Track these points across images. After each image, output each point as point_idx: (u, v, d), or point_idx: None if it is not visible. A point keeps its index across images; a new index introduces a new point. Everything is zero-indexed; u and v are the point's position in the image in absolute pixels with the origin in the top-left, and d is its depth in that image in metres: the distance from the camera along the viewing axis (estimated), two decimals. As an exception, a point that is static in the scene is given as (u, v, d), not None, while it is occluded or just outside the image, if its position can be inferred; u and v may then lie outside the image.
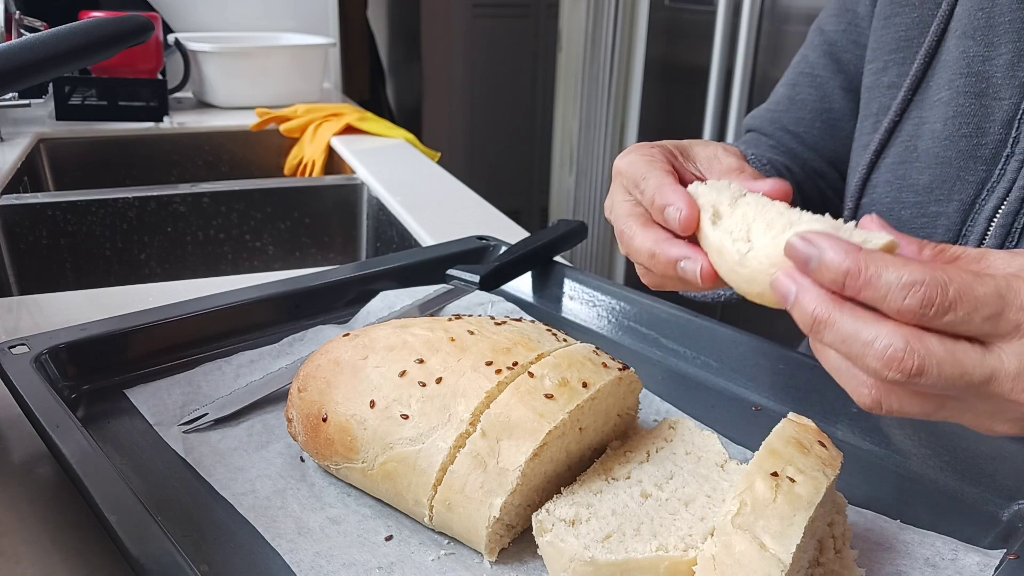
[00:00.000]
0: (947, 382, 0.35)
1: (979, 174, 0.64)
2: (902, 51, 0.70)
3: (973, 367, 0.35)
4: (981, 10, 0.64)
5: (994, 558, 0.47)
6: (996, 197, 0.63)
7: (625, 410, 0.55)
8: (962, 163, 0.65)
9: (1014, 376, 0.35)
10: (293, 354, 0.67)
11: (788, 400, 0.63)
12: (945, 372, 0.35)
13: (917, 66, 0.68)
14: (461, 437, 0.47)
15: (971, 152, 0.65)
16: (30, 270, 1.24)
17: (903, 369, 0.35)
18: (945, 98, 0.66)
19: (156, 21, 1.65)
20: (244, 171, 1.75)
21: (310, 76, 1.91)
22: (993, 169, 0.64)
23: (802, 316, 0.38)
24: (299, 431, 0.53)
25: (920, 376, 0.35)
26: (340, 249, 1.43)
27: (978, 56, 0.64)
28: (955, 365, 0.35)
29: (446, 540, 0.49)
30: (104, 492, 0.45)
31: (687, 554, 0.42)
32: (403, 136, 1.62)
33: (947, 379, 0.35)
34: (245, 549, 0.47)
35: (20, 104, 1.51)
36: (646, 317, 0.73)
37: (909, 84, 0.68)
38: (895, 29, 0.71)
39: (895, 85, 0.71)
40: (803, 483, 0.43)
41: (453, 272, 0.79)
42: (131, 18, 0.62)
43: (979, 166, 0.64)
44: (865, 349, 0.35)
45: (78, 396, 0.60)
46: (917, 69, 0.68)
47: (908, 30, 0.70)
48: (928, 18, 0.68)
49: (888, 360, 0.35)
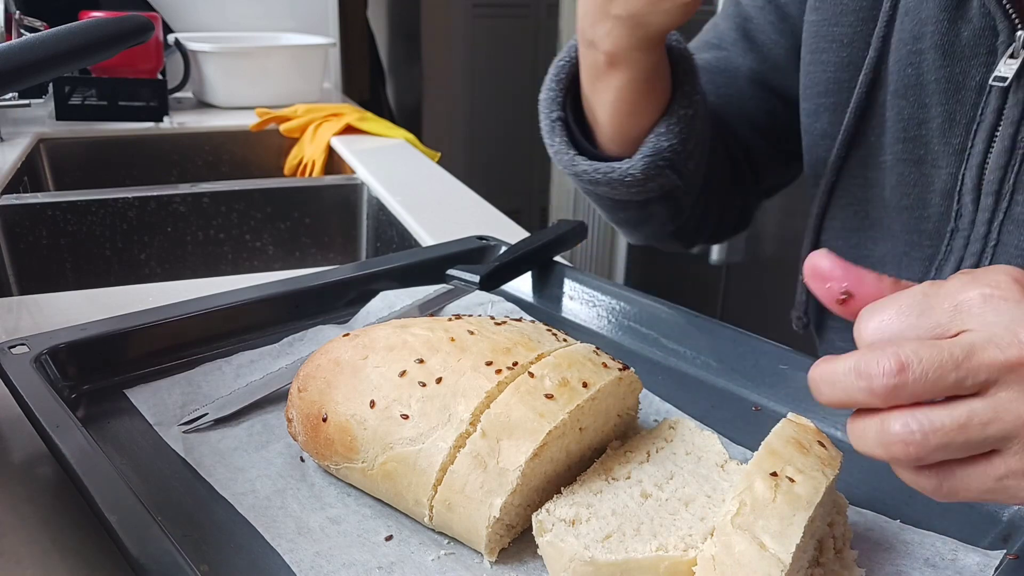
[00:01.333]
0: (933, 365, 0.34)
1: (926, 250, 0.60)
2: (832, 95, 0.66)
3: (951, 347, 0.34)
4: (910, 65, 0.59)
5: (994, 558, 0.47)
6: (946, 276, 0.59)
7: (625, 410, 0.55)
8: (908, 237, 0.61)
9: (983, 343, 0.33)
10: (293, 354, 0.67)
11: (788, 400, 0.63)
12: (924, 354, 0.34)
13: (849, 118, 0.63)
14: (461, 437, 0.47)
15: (915, 226, 0.61)
16: (30, 270, 1.24)
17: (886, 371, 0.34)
18: (888, 162, 0.62)
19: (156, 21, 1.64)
20: (244, 171, 1.75)
21: (310, 76, 1.91)
22: (939, 245, 0.59)
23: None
24: (299, 431, 0.53)
25: (905, 370, 0.34)
26: (340, 249, 1.43)
27: (913, 119, 0.60)
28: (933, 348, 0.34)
29: (446, 540, 0.49)
30: (104, 492, 0.45)
31: (687, 554, 0.42)
32: (403, 136, 1.62)
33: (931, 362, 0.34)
34: (245, 549, 0.47)
35: (20, 104, 1.51)
36: (646, 317, 0.73)
37: (843, 138, 0.64)
38: (823, 68, 0.66)
39: (828, 135, 0.66)
40: (802, 483, 0.43)
41: (453, 272, 0.79)
42: (131, 18, 0.62)
43: (925, 240, 0.60)
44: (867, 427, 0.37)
45: (78, 396, 0.60)
46: (850, 122, 0.63)
47: (837, 71, 0.65)
48: (858, 59, 0.63)
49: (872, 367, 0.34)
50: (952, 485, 0.36)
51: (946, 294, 0.35)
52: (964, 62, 0.56)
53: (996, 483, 0.35)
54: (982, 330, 0.34)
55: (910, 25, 0.59)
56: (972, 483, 0.35)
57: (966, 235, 0.57)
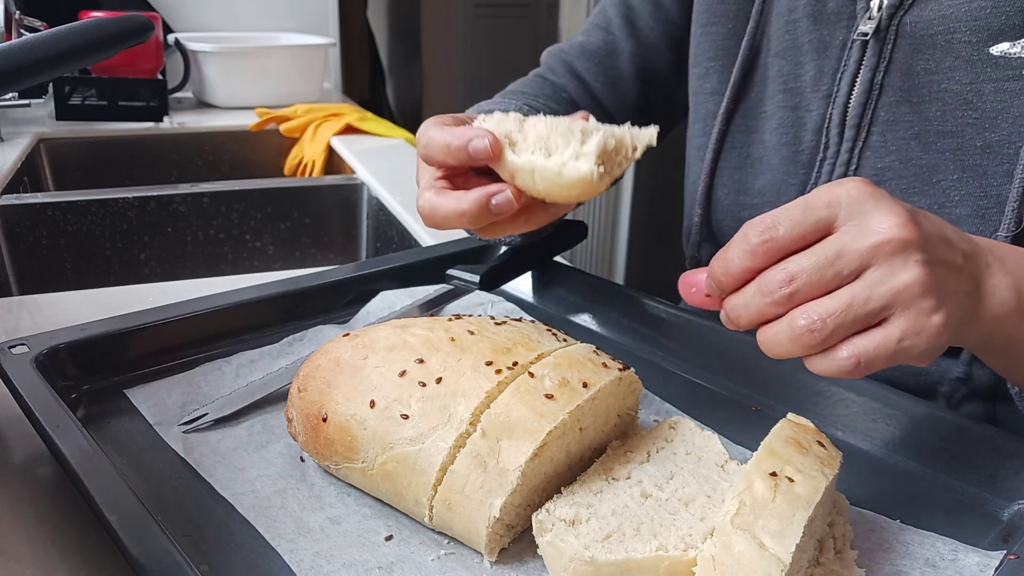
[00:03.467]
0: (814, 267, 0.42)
1: (800, 177, 0.73)
2: (720, 59, 0.78)
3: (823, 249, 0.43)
4: (787, 32, 0.73)
5: (994, 558, 0.47)
6: None
7: (625, 410, 0.55)
8: (786, 168, 0.74)
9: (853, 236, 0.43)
10: (293, 354, 0.67)
11: (788, 400, 0.63)
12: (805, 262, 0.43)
13: (735, 77, 0.76)
14: (461, 437, 0.47)
15: (792, 158, 0.73)
16: (30, 270, 1.24)
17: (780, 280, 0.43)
18: (769, 111, 0.75)
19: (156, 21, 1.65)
20: (244, 171, 1.75)
21: (310, 76, 1.91)
22: (811, 172, 0.72)
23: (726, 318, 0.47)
24: (299, 431, 0.53)
25: (796, 278, 0.42)
26: (340, 249, 1.43)
27: (791, 74, 0.73)
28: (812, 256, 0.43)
29: (446, 540, 0.49)
30: (104, 492, 0.45)
31: (687, 554, 0.42)
32: (403, 136, 1.62)
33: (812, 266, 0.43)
34: (245, 549, 0.47)
35: (20, 104, 1.51)
36: (646, 317, 0.73)
37: (730, 94, 0.77)
38: (712, 38, 0.79)
39: (717, 92, 0.79)
40: (802, 483, 0.43)
41: (453, 272, 0.79)
42: (131, 18, 0.62)
43: (800, 170, 0.73)
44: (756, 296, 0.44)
45: (78, 396, 0.60)
46: (736, 80, 0.76)
47: (724, 39, 0.78)
48: (740, 31, 0.77)
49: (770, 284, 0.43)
50: (864, 356, 0.42)
51: (818, 195, 0.44)
52: (831, 26, 0.70)
53: (897, 345, 0.42)
54: (847, 223, 0.43)
55: (786, 0, 0.73)
56: (879, 350, 0.42)
57: (832, 163, 0.70)
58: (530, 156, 0.52)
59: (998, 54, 0.61)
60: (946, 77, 0.63)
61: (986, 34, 0.61)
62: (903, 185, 0.66)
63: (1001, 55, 0.61)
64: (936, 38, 0.63)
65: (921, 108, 0.65)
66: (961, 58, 0.62)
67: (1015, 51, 0.61)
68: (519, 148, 0.52)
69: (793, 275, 0.43)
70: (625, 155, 0.52)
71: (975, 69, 0.62)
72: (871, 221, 0.43)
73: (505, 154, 0.53)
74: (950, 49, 0.63)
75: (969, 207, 0.64)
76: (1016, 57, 0.61)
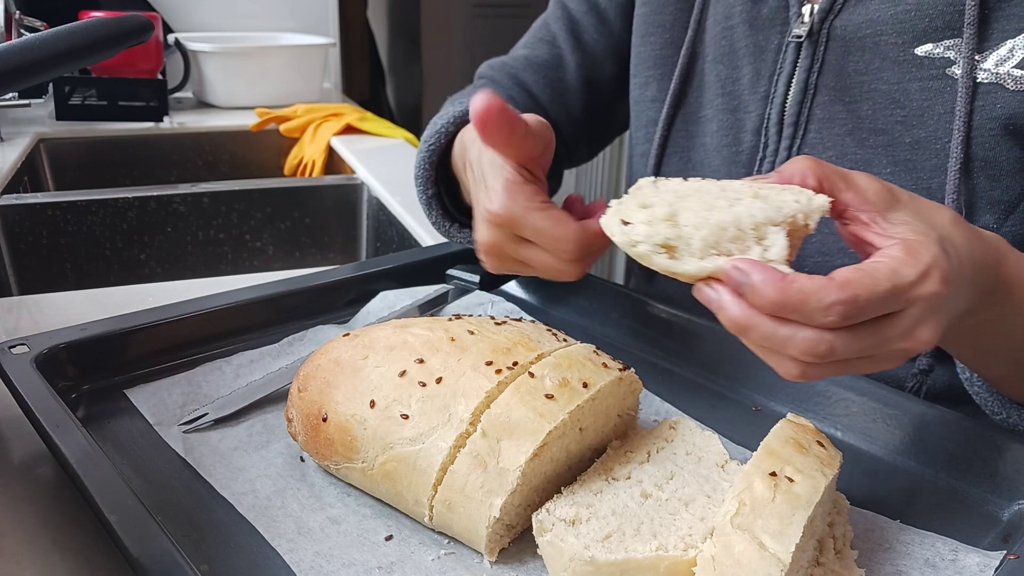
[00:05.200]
0: (852, 354, 0.42)
1: (741, 175, 0.74)
2: (659, 67, 0.80)
3: (867, 339, 0.42)
4: (724, 38, 0.75)
5: (994, 559, 0.47)
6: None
7: (625, 410, 0.55)
8: (727, 169, 0.76)
9: (901, 336, 0.43)
10: (293, 354, 0.67)
11: (788, 400, 0.63)
12: (850, 349, 0.42)
13: (675, 84, 0.79)
14: (461, 437, 0.47)
15: (733, 159, 0.76)
16: (30, 270, 1.24)
17: (817, 354, 0.41)
18: (709, 115, 0.77)
19: (156, 21, 1.65)
20: (244, 171, 1.75)
21: (310, 76, 1.91)
22: (751, 171, 0.74)
23: (727, 322, 0.44)
24: (299, 431, 0.53)
25: (831, 355, 0.41)
26: (340, 249, 1.43)
27: (728, 78, 0.75)
28: (857, 342, 0.42)
29: (446, 540, 0.49)
30: (104, 492, 0.45)
31: (687, 554, 0.42)
32: (403, 136, 1.62)
33: (852, 353, 0.42)
34: (245, 549, 0.47)
35: (20, 104, 1.51)
36: (646, 317, 0.73)
37: (670, 100, 0.79)
38: (651, 48, 0.81)
39: (657, 99, 0.81)
40: (801, 483, 0.43)
41: (453, 272, 0.79)
42: (131, 18, 0.62)
43: (740, 170, 0.75)
44: (785, 343, 0.42)
45: (78, 396, 0.60)
46: (675, 86, 0.79)
47: (663, 48, 0.80)
48: (679, 40, 0.79)
49: (804, 350, 0.41)
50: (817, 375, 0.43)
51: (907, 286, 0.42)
52: (766, 30, 0.72)
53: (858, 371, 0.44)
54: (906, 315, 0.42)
55: (722, 8, 0.75)
56: (837, 372, 0.44)
57: (772, 160, 0.72)
58: (702, 264, 0.44)
59: (923, 55, 0.64)
60: (875, 77, 0.66)
61: (911, 36, 0.64)
62: None
63: (926, 55, 0.64)
64: (865, 40, 0.66)
65: (853, 107, 0.68)
66: (888, 59, 0.65)
67: (938, 51, 0.63)
68: (681, 253, 0.44)
69: (835, 353, 0.42)
70: (799, 235, 0.46)
71: (902, 69, 0.65)
72: (921, 330, 0.43)
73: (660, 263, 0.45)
74: (878, 51, 0.65)
75: None
76: (940, 57, 0.63)
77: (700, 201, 0.47)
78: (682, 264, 0.44)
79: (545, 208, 0.53)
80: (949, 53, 0.63)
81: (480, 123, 0.51)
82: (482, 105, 0.50)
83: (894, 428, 0.58)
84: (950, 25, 0.62)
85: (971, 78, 0.61)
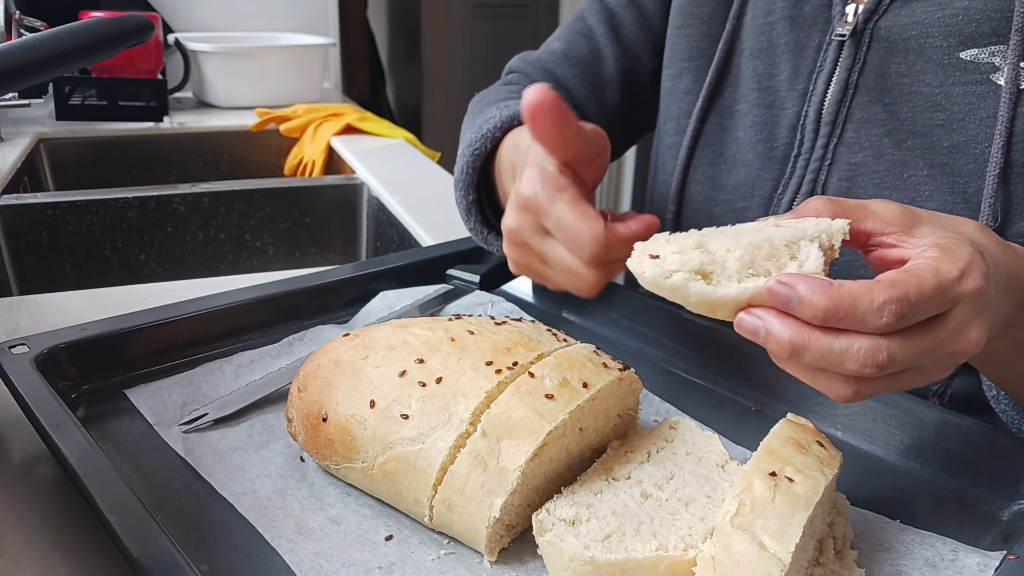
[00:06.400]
0: (909, 361, 0.41)
1: (775, 172, 0.75)
2: (695, 60, 0.80)
3: (924, 342, 0.42)
4: (763, 34, 0.75)
5: (994, 559, 0.47)
6: (790, 191, 0.73)
7: (625, 410, 0.55)
8: (760, 164, 0.76)
9: (952, 337, 0.42)
10: (293, 354, 0.67)
11: (788, 400, 0.63)
12: (907, 354, 0.41)
13: (711, 77, 0.78)
14: (461, 437, 0.47)
15: (767, 154, 0.75)
16: (30, 270, 1.24)
17: (877, 363, 0.40)
18: (743, 109, 0.77)
19: (156, 21, 1.65)
20: (244, 171, 1.75)
21: (310, 76, 1.91)
22: (785, 167, 0.74)
23: (779, 347, 0.41)
24: (299, 431, 0.53)
25: (890, 364, 0.41)
26: (340, 249, 1.43)
27: (766, 74, 0.75)
28: (911, 346, 0.41)
29: (446, 540, 0.49)
30: (104, 492, 0.45)
31: (687, 554, 0.42)
32: (403, 136, 1.62)
33: (909, 359, 0.41)
34: (245, 549, 0.47)
35: (20, 104, 1.51)
36: (646, 317, 0.73)
37: (706, 93, 0.78)
38: (687, 39, 0.80)
39: (691, 91, 0.80)
40: (801, 483, 0.43)
41: (453, 272, 0.79)
42: (131, 18, 0.62)
43: (774, 166, 0.75)
44: (843, 357, 0.41)
45: (78, 396, 0.60)
46: (711, 80, 0.78)
47: (700, 41, 0.79)
48: (716, 33, 0.79)
49: (864, 361, 0.40)
50: (868, 393, 0.43)
51: (949, 284, 0.42)
52: (807, 28, 0.72)
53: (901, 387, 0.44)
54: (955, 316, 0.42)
55: (762, 3, 0.75)
56: (878, 389, 0.43)
57: (807, 158, 0.72)
58: (742, 286, 0.42)
59: (968, 59, 0.63)
60: (917, 80, 0.66)
61: (957, 40, 0.63)
62: (875, 180, 0.68)
63: (971, 60, 0.63)
64: (909, 42, 0.66)
65: (893, 108, 0.67)
66: (932, 62, 0.65)
67: (984, 57, 0.63)
68: (718, 278, 0.43)
69: (895, 360, 0.41)
70: (827, 259, 0.45)
71: (945, 73, 0.64)
72: (970, 331, 0.42)
73: (697, 290, 0.43)
74: (921, 53, 0.65)
75: (938, 202, 0.65)
76: (985, 62, 0.63)
77: (725, 234, 0.46)
78: (721, 288, 0.42)
79: (574, 200, 0.52)
80: (995, 59, 0.63)
81: (530, 115, 0.50)
82: (536, 97, 0.49)
83: (894, 428, 0.58)
84: (997, 31, 0.62)
85: (1015, 84, 0.61)
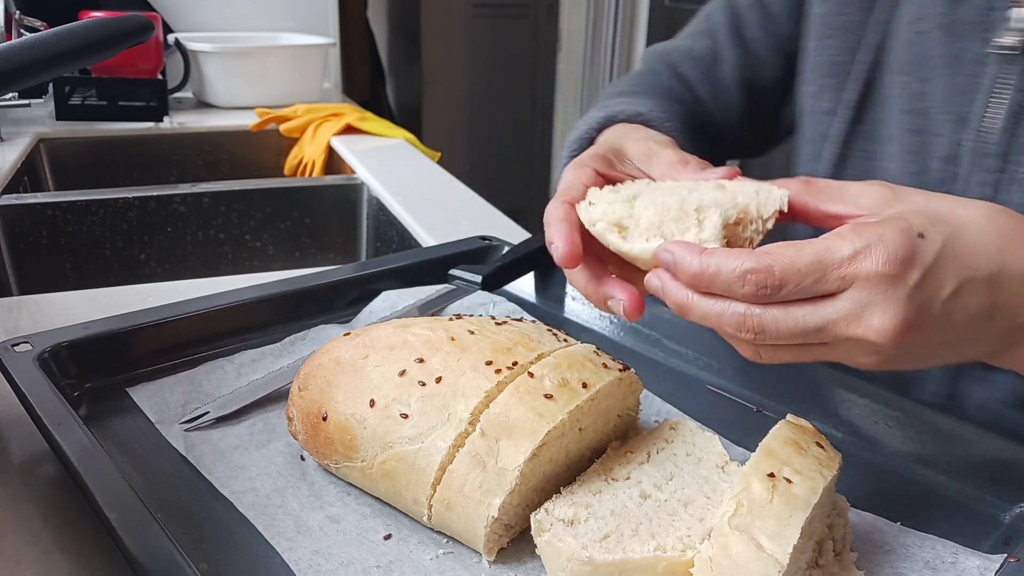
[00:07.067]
0: (787, 333, 0.42)
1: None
2: (835, 76, 0.71)
3: (805, 319, 0.42)
4: (914, 44, 0.64)
5: (995, 562, 0.47)
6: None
7: (625, 411, 0.55)
8: None
9: (846, 319, 0.41)
10: (294, 353, 0.67)
11: (788, 401, 0.63)
12: (782, 327, 0.42)
13: (854, 96, 0.69)
14: (460, 437, 0.47)
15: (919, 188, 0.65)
16: (30, 270, 1.24)
17: (748, 329, 0.42)
18: (890, 134, 0.67)
19: (156, 21, 1.65)
20: (244, 171, 1.75)
21: (310, 76, 1.91)
22: None
23: (672, 305, 0.45)
24: (299, 430, 0.53)
25: (763, 332, 0.42)
26: (340, 249, 1.43)
27: (916, 93, 0.65)
28: (789, 319, 0.42)
29: (445, 539, 0.49)
30: (104, 490, 0.45)
31: (685, 555, 0.42)
32: (403, 136, 1.62)
33: (786, 331, 0.42)
34: (245, 547, 0.47)
35: (20, 104, 1.51)
36: (647, 317, 0.73)
37: (848, 115, 0.70)
38: (827, 52, 0.72)
39: (831, 112, 0.72)
40: (800, 484, 0.43)
41: (455, 272, 0.79)
42: (131, 18, 0.62)
43: None
44: (719, 320, 0.43)
45: (80, 394, 0.60)
46: (854, 99, 0.69)
47: (841, 54, 0.70)
48: (859, 43, 0.69)
49: (736, 325, 0.42)
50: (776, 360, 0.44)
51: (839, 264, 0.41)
52: (966, 37, 0.61)
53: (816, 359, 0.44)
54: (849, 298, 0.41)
55: (914, 8, 0.64)
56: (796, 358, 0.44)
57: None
58: (644, 245, 0.46)
59: None
60: None
61: None
62: None
63: None
64: None
65: None
66: None
67: None
68: (631, 234, 0.47)
69: (765, 330, 0.42)
70: (756, 228, 0.46)
71: None
72: (872, 316, 0.40)
73: (612, 243, 0.48)
74: None
75: None
76: None
77: (668, 189, 0.49)
78: (626, 244, 0.47)
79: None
80: None
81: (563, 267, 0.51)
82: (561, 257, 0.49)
83: (895, 430, 0.58)
84: None
85: None
